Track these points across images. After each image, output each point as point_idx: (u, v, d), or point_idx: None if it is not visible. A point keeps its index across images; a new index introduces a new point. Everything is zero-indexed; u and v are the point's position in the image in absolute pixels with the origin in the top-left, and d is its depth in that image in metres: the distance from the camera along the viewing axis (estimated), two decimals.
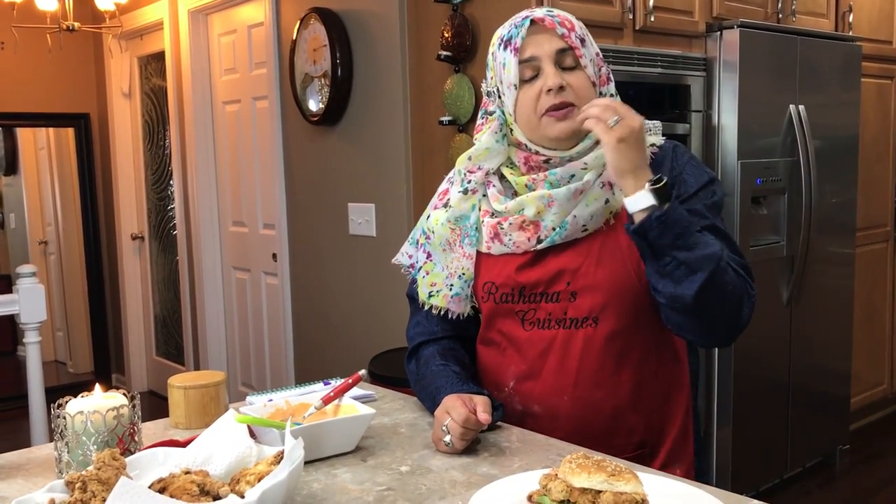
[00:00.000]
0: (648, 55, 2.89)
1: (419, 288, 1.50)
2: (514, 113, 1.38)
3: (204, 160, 4.33)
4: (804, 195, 3.30)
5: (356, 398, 1.44)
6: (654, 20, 2.93)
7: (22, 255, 5.52)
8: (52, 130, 5.38)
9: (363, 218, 3.27)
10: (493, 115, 1.43)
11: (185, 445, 1.16)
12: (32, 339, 3.23)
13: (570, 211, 1.35)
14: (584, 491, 0.99)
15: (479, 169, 1.44)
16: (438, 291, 1.47)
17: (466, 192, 1.45)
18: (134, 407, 1.23)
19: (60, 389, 2.07)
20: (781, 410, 3.39)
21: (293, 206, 3.71)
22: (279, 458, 1.06)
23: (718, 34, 3.09)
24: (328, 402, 1.34)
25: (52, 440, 1.23)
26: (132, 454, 1.13)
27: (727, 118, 3.08)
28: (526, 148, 1.40)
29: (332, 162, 3.42)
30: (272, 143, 3.75)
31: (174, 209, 4.67)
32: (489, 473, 1.20)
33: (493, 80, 1.42)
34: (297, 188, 3.67)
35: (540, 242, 1.38)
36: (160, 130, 4.85)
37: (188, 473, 1.04)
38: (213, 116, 4.31)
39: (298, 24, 3.40)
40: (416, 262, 1.53)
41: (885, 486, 3.52)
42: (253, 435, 1.23)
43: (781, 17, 3.44)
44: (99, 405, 1.19)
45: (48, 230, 5.59)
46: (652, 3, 2.90)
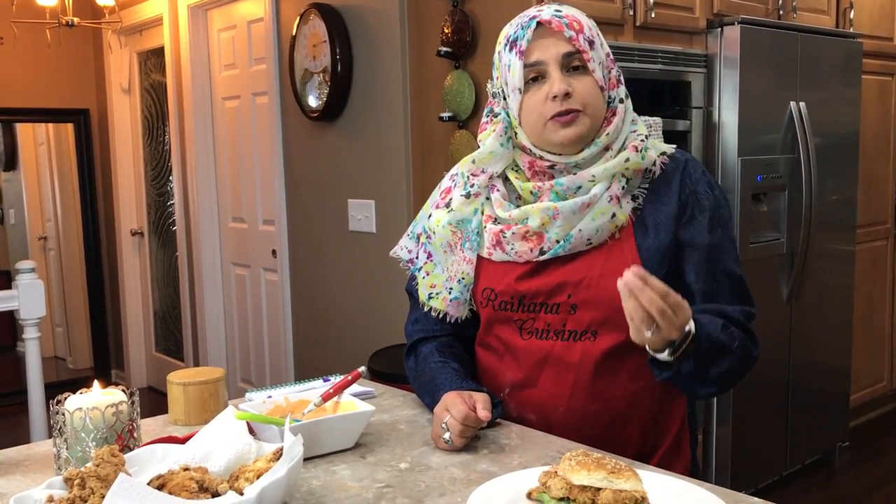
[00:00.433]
0: (649, 52, 2.88)
1: (419, 288, 1.48)
2: (518, 117, 1.36)
3: (203, 156, 4.32)
4: (804, 192, 3.30)
5: (355, 395, 1.44)
6: (654, 16, 2.92)
7: (21, 250, 5.51)
8: (51, 126, 5.38)
9: (363, 214, 3.26)
10: (497, 116, 1.40)
11: (183, 442, 1.16)
12: (32, 334, 3.23)
13: (575, 224, 1.33)
14: (583, 488, 0.98)
15: (482, 172, 1.41)
16: (438, 294, 1.45)
17: (469, 195, 1.43)
18: (133, 403, 1.23)
19: (60, 385, 2.08)
20: (781, 407, 3.39)
21: (293, 202, 3.70)
22: (278, 454, 1.05)
23: (719, 31, 3.09)
24: (327, 398, 1.34)
25: (51, 436, 1.23)
26: (131, 451, 1.13)
27: (728, 115, 3.08)
28: (530, 152, 1.38)
29: (331, 158, 3.42)
30: (272, 138, 3.74)
31: (174, 205, 4.66)
32: (489, 470, 1.20)
33: (498, 80, 1.40)
34: (296, 184, 3.67)
35: (543, 254, 1.36)
36: (160, 126, 4.84)
37: (187, 470, 1.04)
38: (212, 112, 4.31)
39: (298, 19, 3.39)
40: (415, 258, 1.51)
41: (884, 483, 3.53)
42: (252, 432, 1.23)
43: (782, 13, 3.44)
44: (98, 402, 1.19)
45: (48, 226, 5.59)
46: None
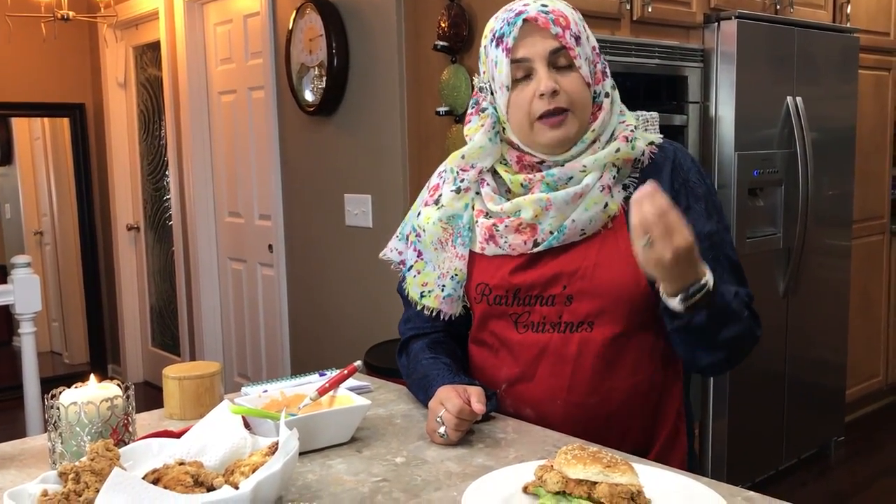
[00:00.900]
0: (646, 46, 2.88)
1: (409, 287, 1.47)
2: (506, 113, 1.36)
3: (200, 150, 4.31)
4: (801, 187, 3.30)
5: (351, 389, 1.44)
6: (651, 11, 2.92)
7: (17, 245, 5.50)
8: (47, 120, 5.36)
9: (359, 209, 3.26)
10: (485, 111, 1.39)
11: (179, 436, 1.16)
12: (27, 329, 3.22)
13: (568, 215, 1.33)
14: (579, 482, 0.98)
15: (472, 167, 1.41)
16: (430, 292, 1.45)
17: (459, 190, 1.42)
18: (128, 398, 1.22)
19: (56, 380, 2.07)
20: (777, 402, 3.40)
21: (289, 196, 3.70)
22: (274, 449, 1.05)
23: (716, 25, 3.09)
24: (323, 393, 1.34)
25: (46, 431, 1.23)
26: (126, 445, 1.13)
27: (724, 109, 3.08)
28: (518, 148, 1.38)
29: (328, 152, 3.41)
30: (268, 133, 3.73)
31: (170, 199, 4.65)
32: (484, 465, 1.20)
33: (485, 75, 1.39)
34: (293, 179, 3.66)
35: (537, 245, 1.35)
36: (156, 120, 4.83)
37: (182, 464, 1.04)
38: (208, 106, 4.30)
39: (294, 13, 3.38)
40: (405, 258, 1.51)
41: (880, 477, 3.54)
42: (248, 426, 1.23)
43: (779, 7, 3.43)
44: (93, 396, 1.18)
45: (43, 220, 5.58)
46: None
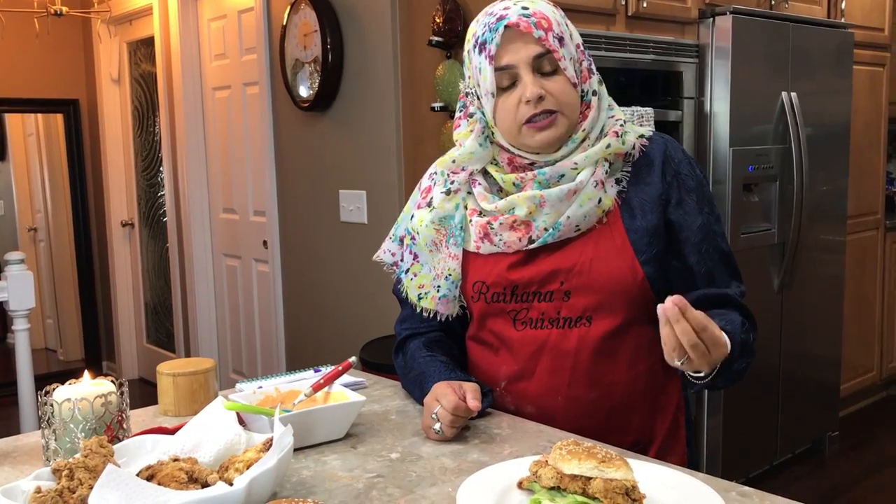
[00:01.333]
0: (640, 41, 2.88)
1: (408, 291, 1.47)
2: (493, 119, 1.36)
3: (194, 147, 4.30)
4: (796, 182, 3.30)
5: (346, 385, 1.44)
6: (646, 6, 2.92)
7: (11, 241, 5.49)
8: (40, 116, 5.34)
9: (354, 205, 3.25)
10: (473, 116, 1.39)
11: (173, 433, 1.16)
12: (21, 326, 3.22)
13: (563, 211, 1.33)
14: (574, 478, 0.98)
15: (462, 170, 1.41)
16: (426, 293, 1.44)
17: (449, 192, 1.42)
18: (122, 394, 1.22)
19: (50, 377, 2.07)
20: (771, 397, 3.41)
21: (284, 192, 3.69)
22: (268, 445, 1.05)
23: (711, 20, 3.09)
24: (318, 389, 1.34)
25: (40, 428, 1.22)
26: (120, 441, 1.13)
27: (719, 105, 3.08)
28: (509, 151, 1.38)
29: (322, 148, 3.41)
30: (262, 129, 3.73)
31: (164, 196, 4.64)
32: (479, 460, 1.20)
33: (470, 80, 1.39)
34: (287, 175, 3.65)
35: (532, 242, 1.35)
36: (150, 116, 4.82)
37: (176, 461, 1.03)
38: (202, 102, 4.28)
39: (289, 9, 3.37)
40: (399, 260, 1.50)
41: (873, 472, 3.55)
42: (242, 422, 1.23)
43: (774, 3, 3.44)
44: (87, 392, 1.18)
45: (37, 217, 5.56)
46: None
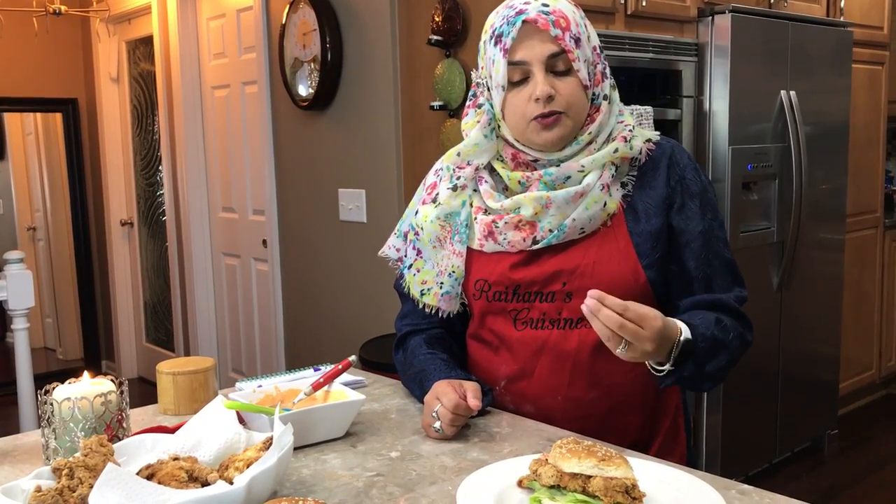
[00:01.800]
0: (640, 40, 2.88)
1: (410, 286, 1.47)
2: (502, 112, 1.36)
3: (193, 146, 4.30)
4: (795, 181, 3.30)
5: (346, 384, 1.44)
6: (645, 5, 2.92)
7: (10, 241, 5.48)
8: (39, 115, 5.34)
9: (353, 204, 3.25)
10: (481, 107, 1.40)
11: (173, 432, 1.16)
12: (20, 325, 3.21)
13: (568, 214, 1.33)
14: (574, 476, 0.98)
15: (468, 165, 1.41)
16: (429, 290, 1.44)
17: (456, 188, 1.42)
18: (122, 393, 1.22)
19: (50, 376, 2.07)
20: (771, 396, 3.41)
21: (283, 191, 3.69)
22: (268, 444, 1.05)
23: (710, 19, 3.09)
24: (318, 388, 1.34)
25: (40, 427, 1.22)
26: (120, 440, 1.13)
27: (718, 104, 3.08)
28: (513, 146, 1.38)
29: (322, 147, 3.40)
30: (261, 128, 3.72)
31: (163, 195, 4.64)
32: (479, 459, 1.20)
33: (483, 70, 1.39)
34: (286, 174, 3.65)
35: (536, 243, 1.35)
36: (149, 116, 4.81)
37: (176, 460, 1.04)
38: (201, 101, 4.28)
39: (288, 7, 3.37)
40: (403, 256, 1.50)
41: (872, 470, 3.55)
42: (242, 421, 1.23)
43: (773, 2, 3.44)
44: (86, 391, 1.18)
45: (36, 216, 5.56)
46: None
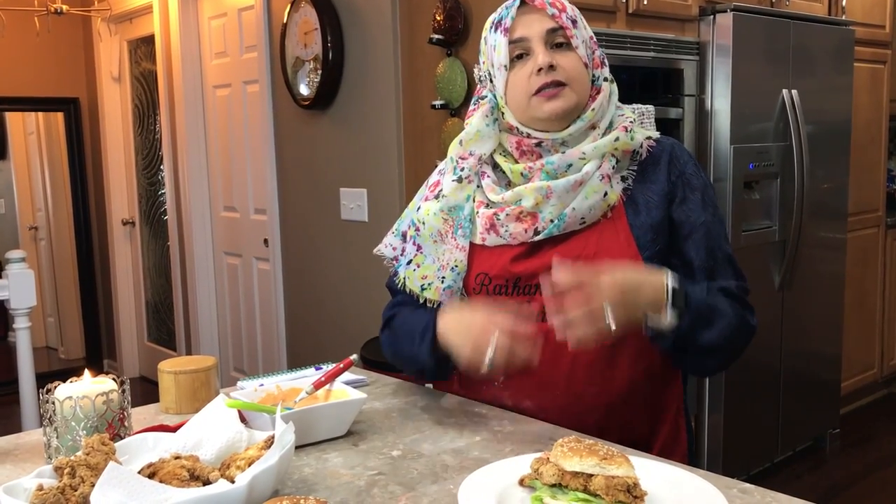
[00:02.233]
0: (641, 39, 2.87)
1: (409, 282, 1.46)
2: (504, 95, 1.37)
3: (194, 145, 4.30)
4: (796, 180, 3.30)
5: (347, 383, 1.44)
6: (646, 3, 2.92)
7: (12, 240, 5.49)
8: (41, 115, 5.35)
9: (355, 203, 3.25)
10: (484, 98, 1.41)
11: (174, 430, 1.16)
12: (22, 324, 3.22)
13: (568, 203, 1.33)
14: (575, 475, 0.98)
15: (470, 155, 1.41)
16: (430, 284, 1.44)
17: (461, 180, 1.42)
18: (123, 392, 1.22)
19: (52, 375, 2.08)
20: (772, 395, 3.41)
21: (284, 191, 3.69)
22: (270, 442, 1.05)
23: (712, 18, 3.08)
24: (319, 386, 1.34)
25: (42, 426, 1.22)
26: (122, 439, 1.13)
27: (720, 103, 3.08)
28: (517, 132, 1.38)
29: (323, 146, 3.40)
30: (263, 127, 3.73)
31: (165, 194, 4.64)
32: (481, 458, 1.20)
33: (484, 64, 1.41)
34: (288, 173, 3.65)
35: (537, 234, 1.35)
36: (150, 115, 4.82)
37: (178, 458, 1.03)
38: (203, 101, 4.28)
39: (289, 7, 3.37)
40: (400, 255, 1.50)
41: (874, 469, 3.55)
42: (244, 420, 1.23)
43: (775, 0, 3.43)
44: (88, 390, 1.18)
45: (38, 215, 5.56)
46: None
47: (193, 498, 0.91)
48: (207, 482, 0.99)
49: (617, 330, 1.18)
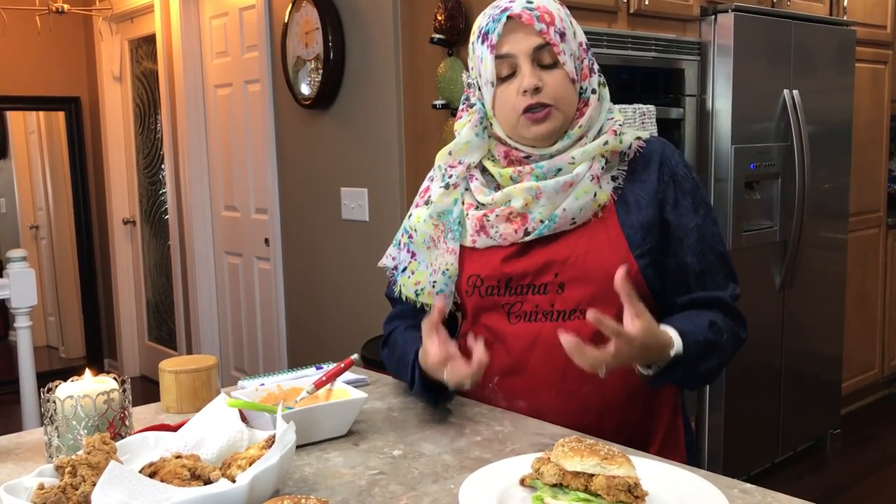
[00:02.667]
0: (642, 39, 2.87)
1: (405, 289, 1.47)
2: (492, 109, 1.38)
3: (195, 144, 4.30)
4: (797, 180, 3.30)
5: (348, 382, 1.44)
6: (648, 3, 2.92)
7: (13, 239, 5.49)
8: (42, 114, 5.34)
9: (356, 202, 3.25)
10: (473, 107, 1.41)
11: (175, 430, 1.16)
12: (23, 323, 3.22)
13: (559, 204, 1.34)
14: (576, 475, 0.98)
15: (459, 164, 1.42)
16: (423, 289, 1.45)
17: (448, 186, 1.43)
18: (124, 391, 1.22)
19: (52, 374, 2.08)
20: (773, 395, 3.40)
21: (285, 190, 3.69)
22: (270, 442, 1.05)
23: (713, 18, 3.08)
24: (320, 386, 1.34)
25: (43, 425, 1.22)
26: (123, 438, 1.13)
27: (721, 103, 3.07)
28: (505, 143, 1.39)
29: (324, 146, 3.41)
30: (264, 127, 3.73)
31: (166, 193, 4.64)
32: (482, 457, 1.20)
33: (473, 71, 1.41)
34: (289, 172, 3.65)
35: (528, 234, 1.36)
36: (151, 114, 4.82)
37: (179, 458, 1.04)
38: (204, 100, 4.28)
39: (290, 6, 3.37)
40: (398, 263, 1.50)
41: (875, 469, 3.55)
42: (244, 419, 1.23)
43: (776, 0, 3.43)
44: (89, 389, 1.18)
45: (39, 214, 5.56)
46: None
47: (194, 497, 0.91)
48: (208, 481, 0.99)
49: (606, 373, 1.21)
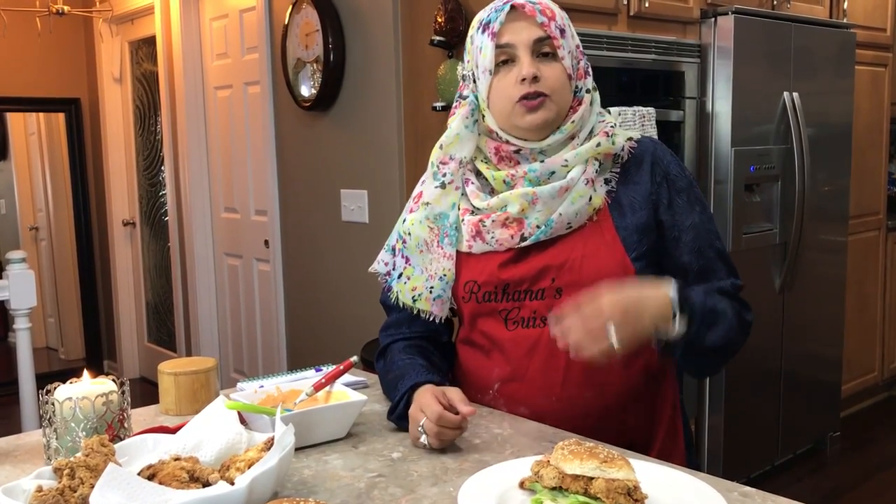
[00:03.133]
0: (642, 41, 2.87)
1: (401, 295, 1.45)
2: (487, 98, 1.37)
3: (195, 146, 4.30)
4: (797, 182, 3.30)
5: (348, 385, 1.44)
6: (648, 6, 2.92)
7: (12, 240, 5.49)
8: (42, 115, 5.35)
9: (356, 204, 3.25)
10: (465, 99, 1.41)
11: (174, 432, 1.16)
12: (23, 325, 3.21)
13: (555, 209, 1.34)
14: (576, 478, 0.98)
15: (451, 159, 1.41)
16: (420, 295, 1.43)
17: (444, 185, 1.42)
18: (123, 393, 1.22)
19: (52, 376, 2.07)
20: (773, 397, 3.40)
21: (285, 192, 3.69)
22: (269, 444, 1.05)
23: (713, 20, 3.08)
24: (319, 388, 1.34)
25: (41, 427, 1.22)
26: (121, 441, 1.13)
27: (721, 105, 3.08)
28: (497, 137, 1.38)
29: (324, 148, 3.41)
30: (264, 128, 3.73)
31: (165, 195, 4.64)
32: (481, 460, 1.20)
33: (469, 63, 1.41)
34: (289, 174, 3.65)
35: (524, 240, 1.36)
36: (151, 116, 4.82)
37: (178, 460, 1.03)
38: (204, 102, 4.28)
39: (290, 8, 3.37)
40: (392, 269, 1.49)
41: (875, 472, 3.54)
42: (243, 421, 1.23)
43: (776, 3, 3.43)
44: (88, 391, 1.18)
45: (39, 216, 5.56)
46: None
47: (193, 500, 0.91)
48: (207, 484, 0.99)
49: (623, 348, 1.19)
